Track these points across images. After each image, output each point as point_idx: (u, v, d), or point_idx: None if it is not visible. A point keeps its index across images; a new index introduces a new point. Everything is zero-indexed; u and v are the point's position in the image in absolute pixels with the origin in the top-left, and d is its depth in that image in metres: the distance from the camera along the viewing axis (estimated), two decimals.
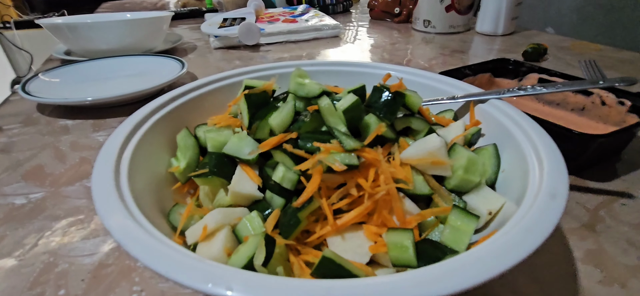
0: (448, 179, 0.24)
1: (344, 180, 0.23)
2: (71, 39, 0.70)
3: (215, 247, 0.21)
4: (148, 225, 0.18)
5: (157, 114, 0.30)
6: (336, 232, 0.23)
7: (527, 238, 0.16)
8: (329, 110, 0.25)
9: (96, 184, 0.20)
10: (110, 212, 0.18)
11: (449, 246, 0.21)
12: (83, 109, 0.54)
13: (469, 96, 0.32)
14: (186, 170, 0.28)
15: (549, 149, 0.23)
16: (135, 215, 0.19)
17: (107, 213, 0.18)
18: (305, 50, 0.86)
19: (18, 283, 0.27)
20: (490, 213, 0.23)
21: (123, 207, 0.19)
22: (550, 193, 0.19)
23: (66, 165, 0.41)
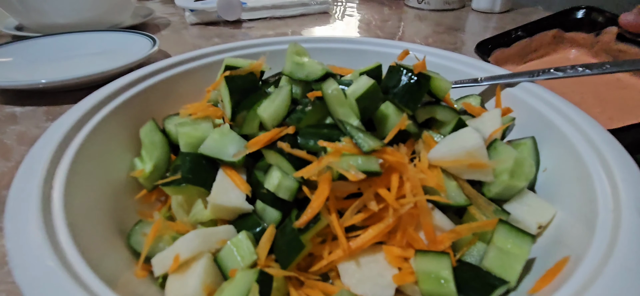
0: (487, 185, 0.19)
1: (359, 189, 0.18)
2: (21, 12, 0.60)
3: (191, 284, 0.16)
4: (86, 271, 0.13)
5: (114, 101, 0.23)
6: (350, 257, 0.17)
7: (634, 280, 0.11)
8: (337, 98, 0.19)
9: (11, 211, 0.14)
10: (26, 260, 0.12)
11: (496, 274, 0.16)
12: (35, 93, 0.47)
13: (495, 78, 0.27)
14: (153, 174, 0.22)
15: (613, 146, 0.18)
16: (69, 257, 0.13)
17: (21, 261, 0.12)
18: (292, 27, 0.80)
19: None
20: (540, 226, 0.18)
21: (48, 246, 0.13)
22: (637, 207, 0.14)
23: (10, 162, 0.34)
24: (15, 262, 0.12)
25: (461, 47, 0.67)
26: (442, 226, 0.18)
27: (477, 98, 0.26)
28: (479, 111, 0.24)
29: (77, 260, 0.13)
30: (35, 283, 0.11)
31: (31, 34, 0.64)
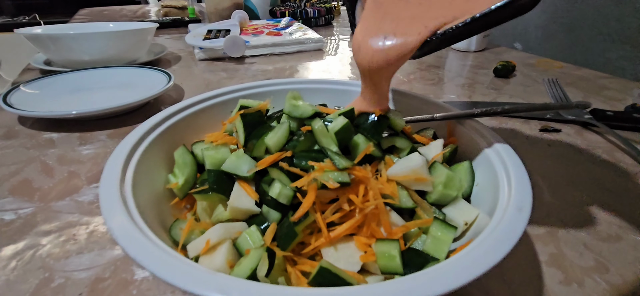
0: (429, 194, 0.27)
1: (336, 195, 0.25)
2: (53, 50, 0.69)
3: (218, 260, 0.23)
4: (160, 242, 0.20)
5: (155, 132, 0.31)
6: (329, 244, 0.25)
7: (498, 246, 0.19)
8: (322, 131, 0.27)
9: (105, 201, 0.22)
10: (122, 229, 0.20)
11: (431, 254, 0.24)
12: (66, 121, 0.54)
13: (447, 116, 0.35)
14: (184, 186, 0.29)
15: (516, 167, 0.26)
16: (144, 230, 0.20)
17: (120, 230, 0.19)
18: (289, 63, 0.89)
19: None
20: (466, 223, 0.26)
21: (132, 223, 0.20)
22: (517, 206, 0.22)
23: (54, 179, 0.41)
24: (115, 234, 0.19)
25: (439, 83, 0.76)
26: (396, 223, 0.25)
27: (430, 131, 0.35)
28: (428, 141, 0.32)
29: (152, 236, 0.20)
30: (127, 241, 0.19)
31: (58, 68, 0.72)
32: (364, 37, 0.26)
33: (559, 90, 0.64)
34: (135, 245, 0.18)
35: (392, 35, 0.25)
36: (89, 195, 0.39)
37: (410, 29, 0.24)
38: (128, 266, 0.30)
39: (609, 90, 0.71)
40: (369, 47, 0.26)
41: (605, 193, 0.39)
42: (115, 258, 0.31)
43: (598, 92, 0.70)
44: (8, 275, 0.29)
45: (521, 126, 0.55)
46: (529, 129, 0.54)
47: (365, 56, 0.26)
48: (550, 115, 0.56)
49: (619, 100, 0.66)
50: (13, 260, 0.30)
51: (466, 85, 0.74)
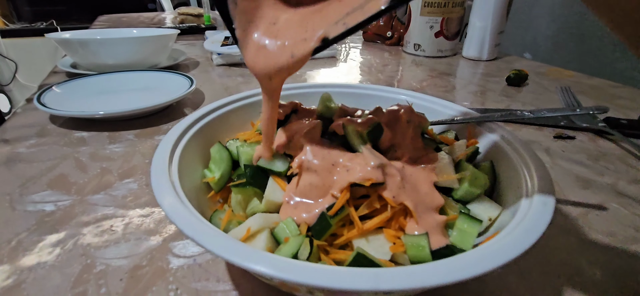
0: (455, 191, 0.28)
1: (368, 192, 0.27)
2: (80, 53, 0.72)
3: (258, 246, 0.24)
4: (209, 224, 0.21)
5: (191, 129, 0.33)
6: (361, 235, 0.26)
7: (526, 236, 0.20)
8: (354, 131, 0.29)
9: (157, 186, 0.23)
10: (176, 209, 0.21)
11: (458, 245, 0.25)
12: (95, 121, 0.56)
13: (467, 119, 0.36)
14: (220, 180, 0.31)
15: (537, 165, 0.27)
16: (195, 213, 0.22)
17: (174, 211, 0.21)
18: (302, 69, 0.91)
19: (61, 282, 0.29)
20: (490, 219, 0.27)
21: (183, 205, 0.22)
22: (541, 202, 0.23)
23: (88, 174, 0.44)
24: (169, 214, 0.21)
25: (451, 90, 0.78)
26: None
27: (452, 132, 0.36)
28: (452, 141, 0.33)
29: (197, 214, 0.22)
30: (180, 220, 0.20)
31: (85, 71, 0.75)
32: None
33: (571, 97, 0.65)
34: (190, 224, 0.20)
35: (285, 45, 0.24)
36: (122, 190, 0.41)
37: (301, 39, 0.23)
38: (164, 256, 0.32)
39: (622, 99, 0.72)
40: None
41: (621, 198, 0.40)
42: (151, 248, 0.33)
43: (610, 100, 0.71)
44: (53, 260, 0.31)
45: (535, 133, 0.56)
46: (543, 136, 0.55)
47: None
48: (564, 123, 0.57)
49: (632, 109, 0.67)
50: (57, 247, 0.32)
51: (478, 93, 0.76)
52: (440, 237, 0.25)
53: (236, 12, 0.25)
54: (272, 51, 0.24)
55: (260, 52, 0.24)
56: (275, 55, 0.24)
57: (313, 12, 0.24)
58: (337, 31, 0.21)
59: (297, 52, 0.23)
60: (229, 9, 0.25)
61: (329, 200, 0.27)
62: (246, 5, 0.25)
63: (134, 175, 0.43)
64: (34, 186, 0.41)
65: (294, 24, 0.24)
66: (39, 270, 0.30)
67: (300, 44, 0.23)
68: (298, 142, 0.30)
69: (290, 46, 0.23)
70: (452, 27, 1.02)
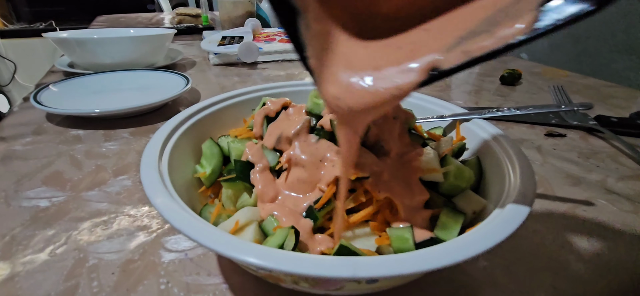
0: (440, 184, 0.29)
1: (354, 186, 0.27)
2: (78, 53, 0.72)
3: (246, 238, 0.25)
4: (199, 218, 0.22)
5: (183, 126, 0.33)
6: (347, 228, 0.27)
7: (503, 227, 0.20)
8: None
9: (147, 182, 0.24)
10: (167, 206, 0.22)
11: (441, 238, 0.25)
12: (91, 119, 0.57)
13: (455, 115, 0.37)
14: (211, 176, 0.32)
15: (520, 159, 0.28)
16: (185, 208, 0.23)
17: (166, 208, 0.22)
18: (300, 69, 0.91)
19: (53, 275, 0.29)
20: (474, 212, 0.28)
21: (173, 201, 0.23)
22: (521, 193, 0.24)
23: (83, 171, 0.44)
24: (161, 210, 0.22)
25: (446, 89, 0.78)
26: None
27: (440, 128, 0.37)
28: (438, 137, 0.34)
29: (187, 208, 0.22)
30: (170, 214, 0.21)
31: (82, 70, 0.75)
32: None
33: (564, 96, 0.66)
34: (180, 219, 0.20)
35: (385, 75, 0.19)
36: (116, 187, 0.41)
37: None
38: (156, 250, 0.32)
39: (615, 98, 0.73)
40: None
41: (609, 195, 0.41)
42: (143, 243, 0.33)
43: (604, 99, 0.71)
44: (46, 255, 0.31)
45: (527, 131, 0.57)
46: (535, 134, 0.56)
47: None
48: (555, 121, 0.57)
49: (624, 108, 0.67)
50: (50, 242, 0.33)
51: (473, 92, 0.76)
52: (424, 230, 0.25)
53: (308, 36, 0.20)
54: (359, 86, 0.19)
55: (343, 86, 0.20)
56: (364, 91, 0.19)
57: (411, 39, 0.19)
58: (453, 61, 0.17)
59: (393, 87, 0.18)
60: (300, 32, 0.20)
61: (316, 194, 0.27)
62: (321, 29, 0.20)
63: (128, 172, 0.44)
64: (29, 182, 0.41)
65: (384, 53, 0.20)
66: (32, 265, 0.30)
67: (397, 76, 0.18)
68: (287, 138, 0.30)
69: (384, 80, 0.19)
70: None
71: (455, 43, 0.17)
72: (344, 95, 0.20)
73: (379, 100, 0.19)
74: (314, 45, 0.20)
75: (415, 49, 0.19)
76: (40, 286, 0.28)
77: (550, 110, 0.33)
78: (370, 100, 0.19)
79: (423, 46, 0.18)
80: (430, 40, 0.18)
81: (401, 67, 0.19)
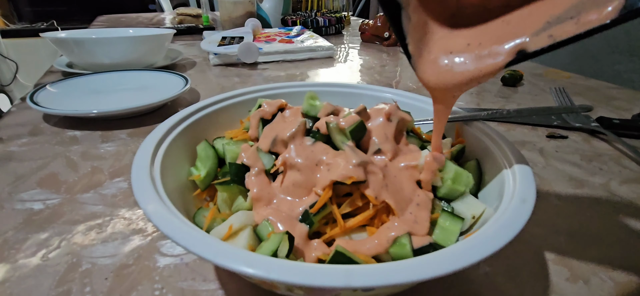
0: (439, 188, 0.28)
1: (350, 190, 0.27)
2: (76, 53, 0.72)
3: (240, 243, 0.24)
4: (191, 224, 0.21)
5: (178, 128, 0.33)
6: (344, 233, 0.26)
7: (504, 232, 0.20)
8: (337, 128, 0.28)
9: (138, 188, 0.23)
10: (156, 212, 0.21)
11: (440, 243, 0.25)
12: (89, 120, 0.57)
13: (454, 118, 0.36)
14: (206, 178, 0.31)
15: (519, 163, 0.27)
16: (176, 214, 0.22)
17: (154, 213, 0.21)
18: (300, 69, 0.91)
19: (45, 280, 0.29)
20: (474, 217, 0.27)
21: (164, 207, 0.22)
22: (521, 198, 0.23)
23: (79, 173, 0.44)
24: (151, 216, 0.21)
25: None
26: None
27: None
28: None
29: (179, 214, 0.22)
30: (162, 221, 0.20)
31: (80, 71, 0.75)
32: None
33: (565, 98, 0.65)
34: (170, 226, 0.20)
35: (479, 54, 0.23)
36: (111, 189, 0.41)
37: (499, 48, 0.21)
38: (151, 255, 0.32)
39: (617, 100, 0.72)
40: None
41: (613, 197, 0.40)
42: (138, 247, 0.33)
43: (606, 102, 0.71)
44: (39, 259, 0.31)
45: (529, 133, 0.56)
46: (536, 136, 0.55)
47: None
48: (557, 122, 0.57)
49: (626, 110, 0.67)
50: (43, 245, 0.32)
51: (474, 93, 0.76)
52: (422, 235, 0.25)
53: (410, 27, 0.25)
54: (453, 66, 0.23)
55: (440, 67, 0.24)
56: (457, 71, 0.23)
57: (500, 24, 0.22)
58: (539, 44, 0.19)
59: (484, 66, 0.22)
60: (403, 24, 0.25)
61: (312, 198, 0.27)
62: (419, 19, 0.25)
63: (124, 174, 0.44)
64: (23, 184, 0.41)
65: (477, 36, 0.23)
66: (23, 269, 0.30)
67: (487, 58, 0.21)
68: (283, 141, 0.30)
69: (476, 60, 0.22)
70: None
71: (542, 28, 0.19)
72: (442, 74, 0.24)
73: (471, 77, 0.23)
74: (413, 34, 0.25)
75: (502, 35, 0.21)
76: (31, 292, 0.28)
77: (552, 113, 0.33)
78: (463, 78, 0.23)
79: (511, 31, 0.21)
80: (518, 27, 0.21)
81: (491, 50, 0.22)
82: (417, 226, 0.25)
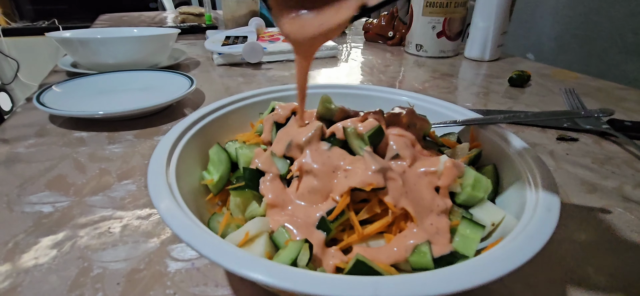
0: (457, 195, 0.28)
1: (368, 196, 0.26)
2: (81, 53, 0.71)
3: (257, 251, 0.24)
4: (206, 228, 0.21)
5: (191, 131, 0.33)
6: (361, 240, 0.26)
7: (530, 243, 0.19)
8: (354, 133, 0.28)
9: (154, 189, 0.23)
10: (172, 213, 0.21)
11: (460, 251, 0.24)
12: (95, 121, 0.56)
13: (469, 121, 0.36)
14: (219, 183, 0.31)
15: (541, 169, 0.27)
16: (192, 217, 0.22)
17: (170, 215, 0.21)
18: None
19: (58, 285, 0.28)
20: (493, 224, 0.27)
21: (180, 210, 0.22)
22: (546, 207, 0.23)
23: (87, 175, 0.43)
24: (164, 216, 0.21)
25: (453, 91, 0.77)
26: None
27: (454, 135, 0.35)
28: (454, 144, 0.33)
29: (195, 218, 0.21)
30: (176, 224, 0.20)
31: (85, 70, 0.74)
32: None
33: (576, 99, 0.64)
34: (186, 229, 0.19)
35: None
36: (120, 191, 0.40)
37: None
38: (162, 259, 0.31)
39: (628, 101, 0.71)
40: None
41: (626, 202, 0.40)
42: (149, 251, 0.32)
43: (616, 103, 0.70)
44: (50, 263, 0.31)
45: (538, 135, 0.55)
46: (547, 138, 0.54)
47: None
48: (567, 124, 0.56)
49: (637, 111, 0.66)
50: (54, 249, 0.32)
51: (481, 94, 0.75)
52: (442, 244, 0.24)
53: None
54: (310, 21, 0.26)
55: (297, 22, 0.26)
56: (314, 25, 0.26)
57: None
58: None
59: (334, 19, 0.25)
60: None
61: (329, 205, 0.26)
62: None
63: (132, 176, 0.43)
64: (32, 187, 0.40)
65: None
66: (35, 273, 0.29)
67: (337, 13, 0.25)
68: (298, 145, 0.29)
69: (327, 15, 0.25)
70: (455, 27, 1.01)
71: None
72: (299, 28, 0.27)
73: (325, 30, 0.26)
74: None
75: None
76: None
77: (569, 116, 0.32)
78: (317, 30, 0.26)
79: None
80: None
81: (339, 6, 0.25)
82: (438, 237, 0.24)
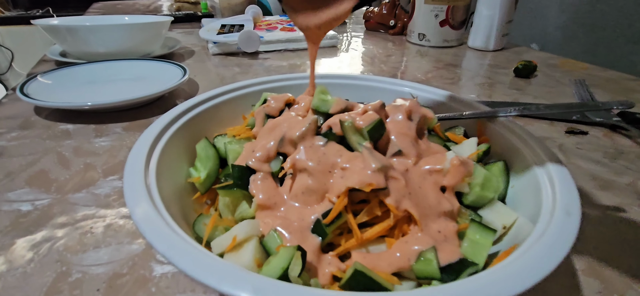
0: (465, 195, 0.25)
1: (368, 197, 0.24)
2: (69, 41, 0.69)
3: (245, 258, 0.22)
4: (186, 237, 0.19)
5: (176, 124, 0.30)
6: (360, 245, 0.23)
7: (551, 253, 0.17)
8: (352, 128, 0.26)
9: (129, 192, 0.21)
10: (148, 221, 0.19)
11: (469, 258, 0.22)
12: (82, 113, 0.54)
13: (476, 114, 0.33)
14: (206, 181, 0.28)
15: (557, 167, 0.24)
16: (170, 224, 0.19)
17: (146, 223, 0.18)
18: (303, 59, 0.87)
19: (32, 292, 0.26)
20: (505, 227, 0.24)
21: (158, 215, 0.19)
22: (565, 210, 0.20)
23: (71, 171, 0.41)
24: (141, 227, 0.18)
25: (457, 82, 0.74)
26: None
27: (461, 129, 0.33)
28: (460, 139, 0.30)
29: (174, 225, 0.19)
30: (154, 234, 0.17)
31: (74, 60, 0.72)
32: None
33: (585, 91, 0.62)
34: (162, 239, 0.17)
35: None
36: (105, 188, 0.38)
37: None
38: (146, 262, 0.29)
39: (638, 92, 0.68)
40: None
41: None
42: (133, 254, 0.30)
43: (626, 94, 0.67)
44: (25, 267, 0.28)
45: (547, 128, 0.53)
46: (556, 131, 0.52)
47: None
48: (576, 117, 0.54)
49: None
50: (30, 251, 0.30)
51: (485, 85, 0.73)
52: (449, 250, 0.22)
53: None
54: (319, 12, 0.29)
55: (308, 15, 0.29)
56: (322, 15, 0.28)
57: None
58: None
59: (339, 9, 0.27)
60: None
61: (325, 206, 0.24)
62: None
63: (119, 172, 0.41)
64: (11, 183, 0.38)
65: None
66: (8, 278, 0.27)
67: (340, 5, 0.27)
68: (291, 140, 0.27)
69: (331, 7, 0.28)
70: (458, 15, 0.98)
71: None
72: (310, 19, 0.30)
73: (331, 18, 0.29)
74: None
75: None
76: None
77: (583, 109, 0.30)
78: (325, 19, 0.29)
79: None
80: None
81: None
82: (445, 242, 0.22)
